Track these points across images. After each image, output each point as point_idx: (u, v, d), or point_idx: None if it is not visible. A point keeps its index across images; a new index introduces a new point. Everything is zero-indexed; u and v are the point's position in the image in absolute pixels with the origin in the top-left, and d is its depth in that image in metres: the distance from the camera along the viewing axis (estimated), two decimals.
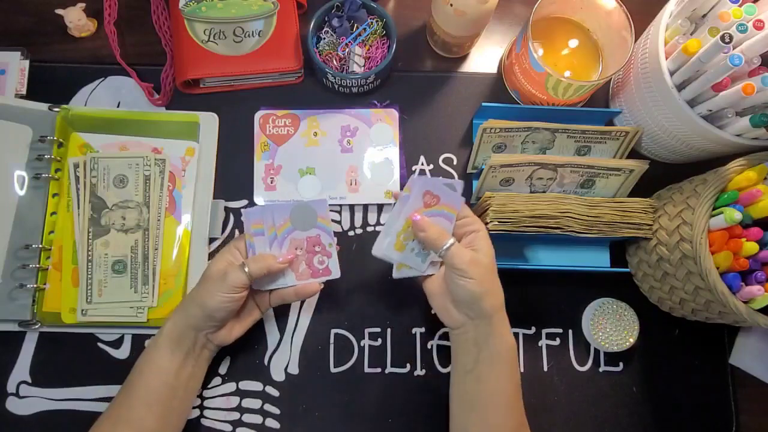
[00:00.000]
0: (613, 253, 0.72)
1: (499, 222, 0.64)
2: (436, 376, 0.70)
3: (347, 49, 0.72)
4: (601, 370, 0.72)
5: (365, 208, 0.74)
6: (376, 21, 0.73)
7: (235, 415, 0.68)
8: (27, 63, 0.72)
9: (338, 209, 0.73)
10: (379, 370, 0.70)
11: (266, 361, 0.69)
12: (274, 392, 0.68)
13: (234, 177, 0.73)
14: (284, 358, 0.69)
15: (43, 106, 0.71)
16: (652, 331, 0.72)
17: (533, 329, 0.72)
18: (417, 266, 0.62)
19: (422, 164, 0.75)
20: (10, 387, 0.66)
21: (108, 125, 0.71)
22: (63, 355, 0.68)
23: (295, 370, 0.69)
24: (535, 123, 0.69)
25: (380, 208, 0.74)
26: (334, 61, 0.73)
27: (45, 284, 0.67)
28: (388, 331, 0.71)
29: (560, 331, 0.72)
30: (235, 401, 0.68)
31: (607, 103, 0.77)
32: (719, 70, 0.57)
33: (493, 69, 0.78)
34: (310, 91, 0.76)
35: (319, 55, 0.72)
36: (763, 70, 0.61)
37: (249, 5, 0.74)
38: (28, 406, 0.66)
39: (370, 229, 0.73)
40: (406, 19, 0.78)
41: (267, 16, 0.74)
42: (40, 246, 0.67)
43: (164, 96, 0.73)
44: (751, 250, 0.58)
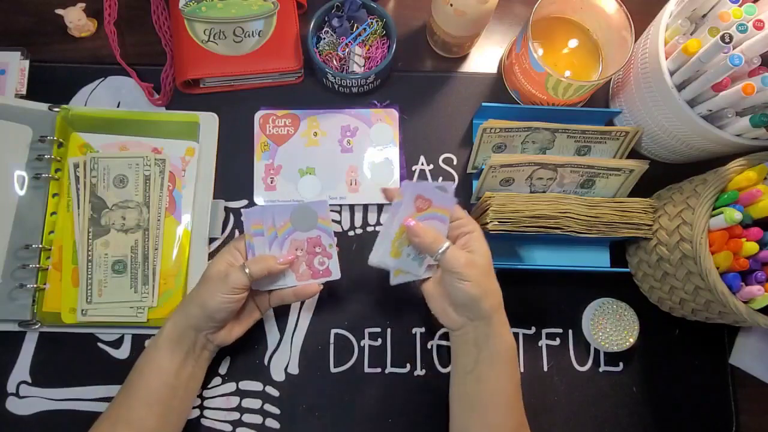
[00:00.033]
0: (613, 253, 0.72)
1: (499, 222, 0.64)
2: (436, 376, 0.70)
3: (347, 49, 0.72)
4: (601, 370, 0.72)
5: (365, 208, 0.74)
6: (376, 21, 0.73)
7: (235, 415, 0.68)
8: (27, 63, 0.72)
9: (338, 209, 0.73)
10: (379, 370, 0.70)
11: (266, 361, 0.69)
12: (274, 392, 0.68)
13: (234, 177, 0.73)
14: (284, 358, 0.69)
15: (43, 106, 0.71)
16: (652, 331, 0.72)
17: (533, 329, 0.72)
18: (414, 271, 0.62)
19: (422, 164, 0.75)
20: (10, 387, 0.66)
21: (108, 125, 0.71)
22: (63, 355, 0.68)
23: (295, 370, 0.69)
24: (535, 123, 0.69)
25: (380, 208, 0.74)
26: (334, 61, 0.73)
27: (45, 284, 0.67)
28: (388, 331, 0.71)
29: (560, 331, 0.72)
30: (235, 401, 0.68)
31: (607, 103, 0.77)
32: (719, 70, 0.57)
33: (493, 69, 0.78)
34: (310, 91, 0.76)
35: (319, 55, 0.72)
36: (763, 70, 0.61)
37: (249, 5, 0.73)
38: (28, 406, 0.66)
39: (370, 229, 0.73)
40: (406, 19, 0.78)
41: (267, 16, 0.74)
42: (40, 246, 0.67)
43: (164, 96, 0.73)
44: (751, 250, 0.58)
